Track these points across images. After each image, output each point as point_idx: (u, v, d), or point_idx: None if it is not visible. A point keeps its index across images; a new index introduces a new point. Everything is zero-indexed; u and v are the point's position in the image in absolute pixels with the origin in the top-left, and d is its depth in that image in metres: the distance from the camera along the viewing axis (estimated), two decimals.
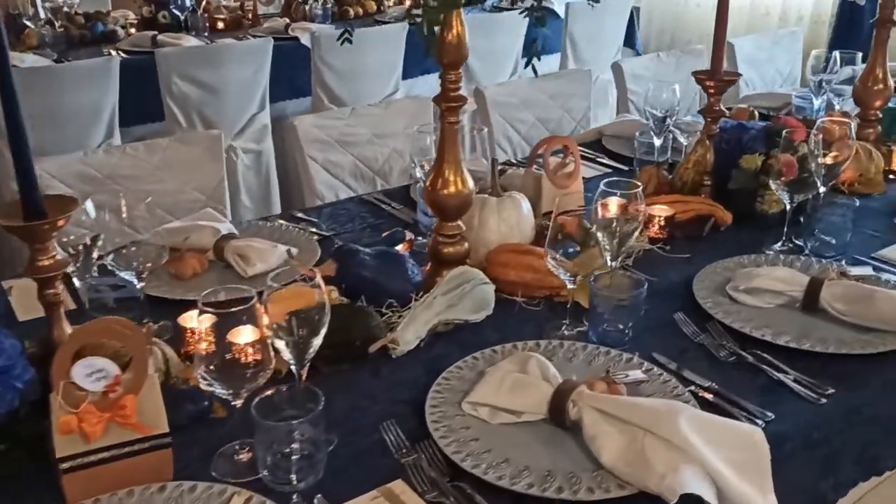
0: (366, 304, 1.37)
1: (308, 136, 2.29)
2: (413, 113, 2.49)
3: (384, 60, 3.73)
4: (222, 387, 1.04)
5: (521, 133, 2.72)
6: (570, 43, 4.46)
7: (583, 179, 2.11)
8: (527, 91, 2.72)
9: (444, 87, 1.42)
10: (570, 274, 1.36)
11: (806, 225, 1.68)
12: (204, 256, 1.63)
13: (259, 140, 3.51)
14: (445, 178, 1.46)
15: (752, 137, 1.83)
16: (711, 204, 1.81)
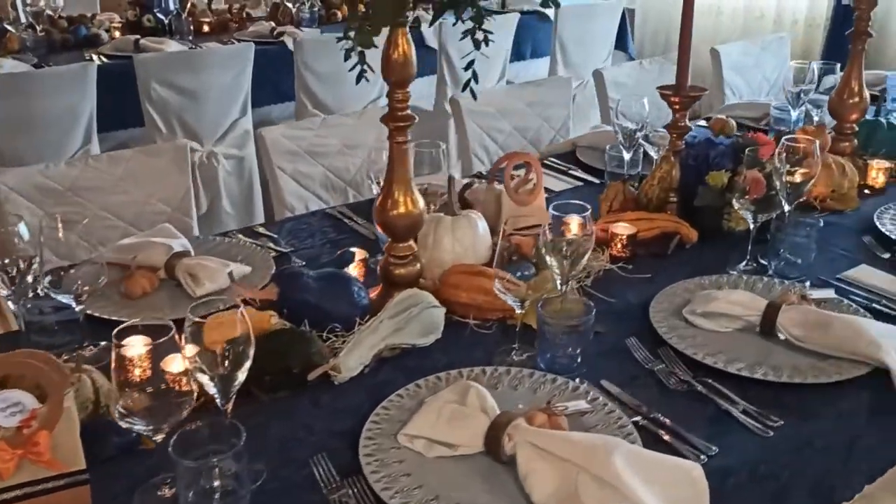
0: (309, 329, 1.34)
1: (277, 146, 2.26)
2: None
3: None
4: (142, 421, 1.01)
5: (497, 142, 2.68)
6: (560, 46, 4.42)
7: (552, 193, 2.09)
8: (504, 100, 2.68)
9: (392, 105, 1.39)
10: (517, 298, 1.33)
11: (770, 245, 1.65)
12: (155, 275, 1.60)
13: (241, 146, 3.49)
14: (395, 198, 1.43)
15: (720, 154, 1.80)
16: (677, 221, 1.78)
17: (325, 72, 3.58)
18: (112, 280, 1.59)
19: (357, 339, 1.33)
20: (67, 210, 2.01)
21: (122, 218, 2.08)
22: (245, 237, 1.82)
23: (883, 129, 2.17)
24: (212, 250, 1.74)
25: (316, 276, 1.38)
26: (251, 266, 1.66)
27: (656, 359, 1.37)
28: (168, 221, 2.11)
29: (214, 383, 1.05)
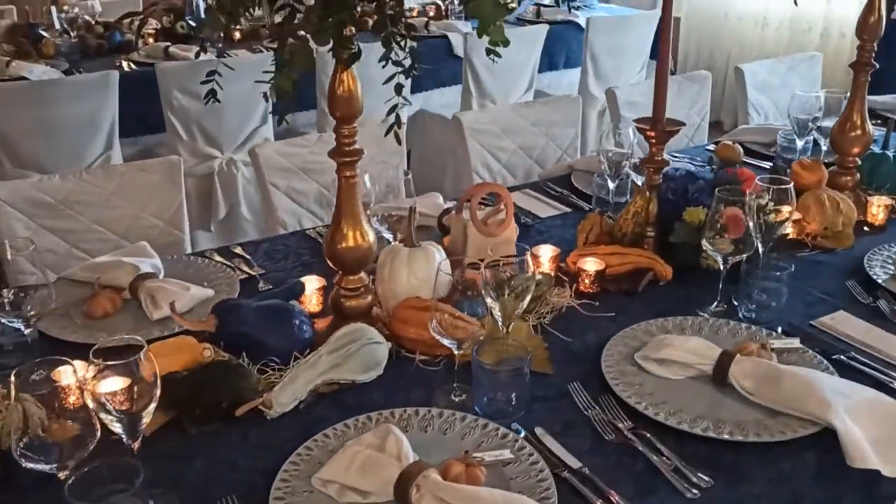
0: (248, 361, 1.35)
1: (270, 163, 2.28)
2: (381, 139, 2.45)
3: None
4: (43, 459, 1.03)
5: (501, 161, 2.66)
6: (591, 57, 4.36)
7: (539, 219, 2.06)
8: (508, 118, 2.65)
9: (339, 141, 1.38)
10: (457, 338, 1.32)
11: (741, 287, 1.59)
12: (119, 296, 1.63)
13: None
14: (343, 232, 1.43)
15: (699, 189, 1.75)
16: (651, 257, 1.73)
17: None
18: (78, 299, 1.64)
19: (293, 374, 1.33)
20: (59, 223, 2.07)
21: (115, 231, 2.12)
22: (220, 257, 1.84)
23: (889, 162, 2.08)
24: (182, 271, 1.76)
25: (257, 308, 1.38)
26: (216, 289, 1.68)
27: (597, 406, 1.34)
28: (160, 235, 2.17)
29: (120, 423, 1.06)
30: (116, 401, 1.04)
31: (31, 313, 1.36)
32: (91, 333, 1.51)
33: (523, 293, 1.33)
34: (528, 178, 2.69)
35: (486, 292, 1.32)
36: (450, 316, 1.34)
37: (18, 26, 3.80)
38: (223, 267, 1.78)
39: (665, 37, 1.68)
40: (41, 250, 2.05)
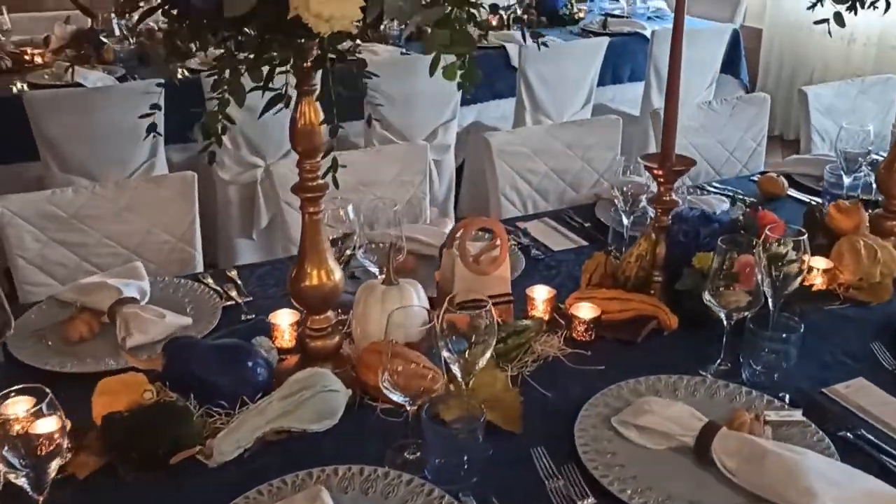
0: (197, 404, 1.29)
1: (285, 182, 2.24)
2: (405, 160, 2.39)
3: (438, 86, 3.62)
4: None
5: (532, 184, 2.54)
6: (655, 71, 4.17)
7: (549, 252, 1.95)
8: (540, 139, 2.54)
9: (302, 176, 1.32)
10: (406, 395, 1.23)
11: (745, 346, 1.44)
12: (98, 320, 1.61)
13: None
14: (305, 270, 1.36)
15: (712, 233, 1.61)
16: (655, 304, 1.60)
17: (393, 93, 3.54)
18: (59, 321, 1.62)
19: (241, 420, 1.27)
20: (70, 237, 2.08)
21: (126, 246, 2.11)
22: (213, 280, 1.81)
23: None
24: (168, 296, 1.73)
25: (209, 347, 1.33)
26: (196, 316, 1.64)
27: (559, 476, 1.23)
28: (171, 252, 2.15)
29: (24, 475, 1.01)
30: (16, 451, 0.99)
31: None
32: (62, 360, 1.49)
33: (484, 348, 1.24)
34: (562, 202, 2.57)
35: (444, 342, 1.23)
36: (406, 365, 1.26)
37: (83, 32, 3.89)
38: (210, 293, 1.74)
39: (675, 65, 1.55)
40: (51, 263, 2.08)
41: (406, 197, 2.40)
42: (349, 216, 1.63)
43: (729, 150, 2.84)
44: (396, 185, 2.37)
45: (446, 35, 1.10)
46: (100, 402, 1.29)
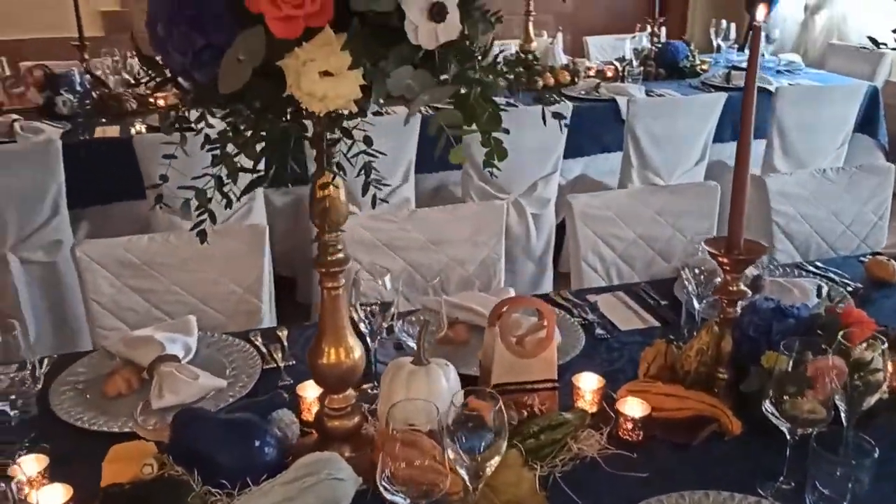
0: (200, 481, 1.25)
1: (354, 236, 2.20)
2: (481, 219, 2.31)
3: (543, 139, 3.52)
4: None
5: (616, 251, 2.40)
6: (778, 131, 3.92)
7: (615, 332, 1.81)
8: (627, 204, 2.39)
9: (322, 250, 1.26)
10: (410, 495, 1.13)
11: (810, 467, 1.26)
12: (138, 376, 1.60)
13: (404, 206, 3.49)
14: (322, 346, 1.30)
15: (786, 329, 1.43)
16: (716, 405, 1.44)
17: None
18: (103, 374, 1.63)
19: (241, 502, 1.21)
20: (142, 283, 2.12)
21: (193, 295, 2.14)
22: (262, 339, 1.78)
23: None
24: (212, 354, 1.72)
25: (219, 421, 1.28)
26: (234, 379, 1.61)
27: None
28: (238, 303, 2.16)
29: None
30: None
31: (11, 398, 1.35)
32: (94, 415, 1.49)
33: (494, 452, 1.13)
34: (649, 271, 2.42)
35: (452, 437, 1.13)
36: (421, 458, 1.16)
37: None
38: (254, 353, 1.71)
39: (746, 118, 1.40)
40: (123, 308, 2.13)
41: (479, 258, 2.31)
42: (386, 286, 1.56)
43: (845, 223, 2.59)
44: (470, 245, 2.30)
45: (453, 115, 1.02)
46: (109, 469, 1.27)
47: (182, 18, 0.97)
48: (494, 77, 1.09)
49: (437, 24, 0.99)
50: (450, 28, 1.01)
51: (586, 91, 4.12)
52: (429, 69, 1.02)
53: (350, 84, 0.94)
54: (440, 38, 1.00)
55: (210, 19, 0.96)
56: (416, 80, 1.01)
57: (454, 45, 1.02)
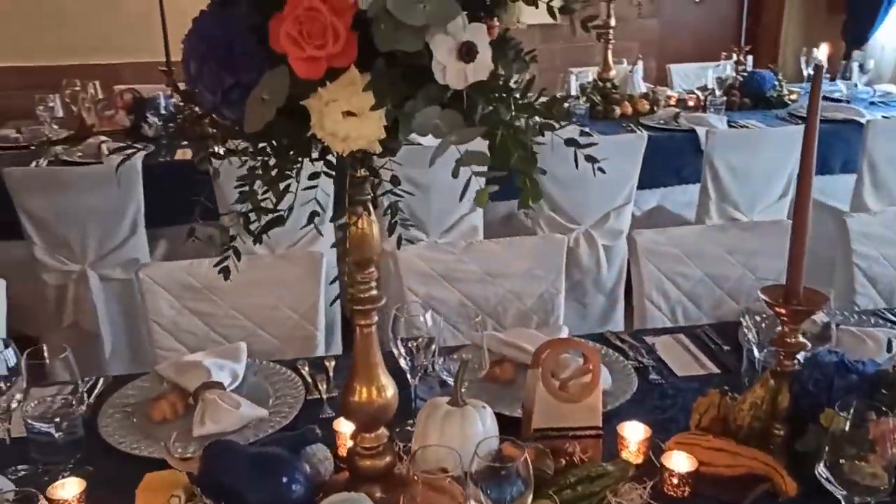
0: None
1: (410, 266, 2.20)
2: (540, 253, 2.26)
3: (615, 168, 3.45)
4: None
5: (682, 290, 2.31)
6: (868, 165, 3.72)
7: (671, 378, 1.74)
8: (695, 241, 2.31)
9: (353, 287, 1.24)
10: None
11: None
12: (184, 401, 1.62)
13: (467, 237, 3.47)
14: (354, 384, 1.28)
15: (848, 385, 1.34)
16: (770, 463, 1.35)
17: (563, 173, 3.42)
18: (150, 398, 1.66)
19: None
20: (202, 306, 2.16)
21: (251, 319, 2.16)
22: (310, 368, 1.78)
23: None
24: (258, 383, 1.73)
25: (248, 455, 1.27)
26: (276, 408, 1.61)
27: None
28: (294, 329, 2.17)
29: None
30: None
31: (56, 420, 1.38)
32: (139, 439, 1.52)
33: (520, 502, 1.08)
34: (717, 312, 2.32)
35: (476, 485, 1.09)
36: None
37: None
38: (298, 383, 1.71)
39: (805, 173, 1.31)
40: (182, 331, 2.17)
41: (538, 292, 2.27)
42: (427, 323, 1.53)
43: None
44: (528, 278, 2.25)
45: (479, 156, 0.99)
46: (142, 497, 1.29)
47: (212, 56, 0.97)
48: (529, 118, 1.05)
49: (466, 64, 0.97)
50: (480, 68, 0.98)
51: (665, 120, 4.02)
52: (458, 109, 1.00)
53: (373, 125, 0.93)
54: (470, 79, 0.98)
55: (239, 58, 0.97)
56: (445, 120, 0.99)
57: (485, 84, 0.99)
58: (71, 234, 3.06)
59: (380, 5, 0.91)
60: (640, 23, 6.35)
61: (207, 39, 0.98)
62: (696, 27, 6.80)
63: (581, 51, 6.28)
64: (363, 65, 0.95)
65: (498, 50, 1.02)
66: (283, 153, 0.99)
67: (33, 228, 3.03)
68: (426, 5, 0.91)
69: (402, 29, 0.91)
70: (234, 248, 1.10)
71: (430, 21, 0.92)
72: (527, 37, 5.15)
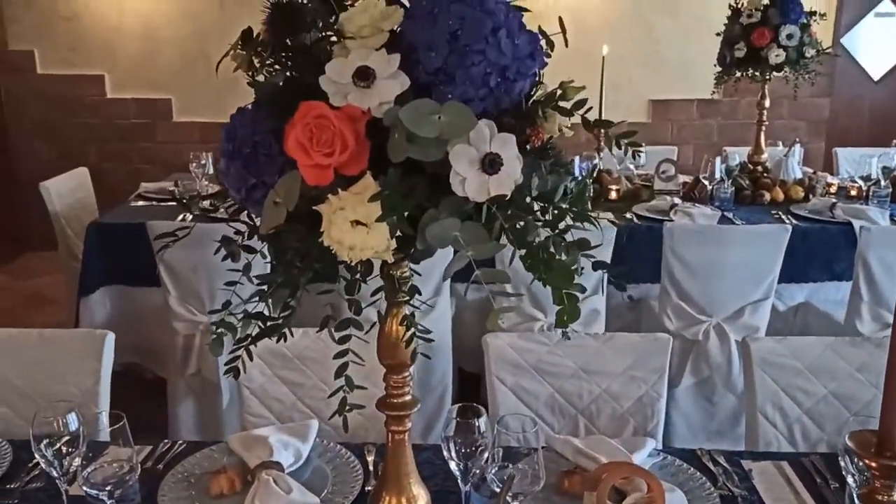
0: None
1: (500, 355, 2.12)
2: (641, 353, 2.11)
3: (753, 259, 3.22)
4: None
5: (802, 406, 2.08)
6: None
7: None
8: (820, 354, 2.08)
9: (387, 391, 1.19)
10: None
11: None
12: (243, 477, 1.62)
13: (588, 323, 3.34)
14: (381, 493, 1.22)
15: None
16: None
17: (695, 260, 3.24)
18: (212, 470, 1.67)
19: None
20: (291, 375, 2.18)
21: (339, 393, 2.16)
22: (376, 456, 1.74)
23: None
24: (320, 467, 1.70)
25: None
26: (329, 496, 1.57)
27: None
28: None
29: None
30: None
31: (108, 488, 1.41)
32: None
33: None
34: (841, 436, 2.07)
35: None
36: None
37: None
38: (359, 471, 1.67)
39: None
40: (271, 397, 2.20)
41: (636, 394, 2.11)
42: (480, 429, 1.45)
43: None
44: (626, 379, 2.11)
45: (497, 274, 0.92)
46: None
47: (239, 156, 0.97)
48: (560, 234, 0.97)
49: (489, 176, 0.91)
50: (505, 181, 0.92)
51: (820, 210, 3.73)
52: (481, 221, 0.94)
53: (377, 237, 0.89)
54: (493, 192, 0.92)
55: (262, 159, 0.96)
56: (466, 232, 0.93)
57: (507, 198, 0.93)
58: (202, 286, 3.22)
59: (393, 114, 0.87)
60: (808, 101, 6.01)
61: (235, 139, 0.98)
62: (873, 108, 6.35)
63: (741, 128, 6.02)
64: (383, 172, 0.91)
65: (532, 161, 0.96)
66: (286, 260, 0.96)
67: (168, 278, 3.21)
68: (441, 115, 0.87)
69: (416, 140, 0.87)
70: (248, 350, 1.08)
71: (444, 134, 0.87)
72: (683, 110, 5.12)
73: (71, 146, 5.91)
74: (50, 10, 5.73)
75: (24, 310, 4.96)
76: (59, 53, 5.81)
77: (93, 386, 2.07)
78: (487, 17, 0.91)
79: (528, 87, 0.96)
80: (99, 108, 5.89)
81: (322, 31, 0.96)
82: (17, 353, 2.10)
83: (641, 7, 5.90)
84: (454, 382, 3.51)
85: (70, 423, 1.42)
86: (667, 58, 5.95)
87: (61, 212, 4.04)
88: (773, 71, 3.91)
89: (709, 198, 3.91)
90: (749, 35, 3.88)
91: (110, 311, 3.62)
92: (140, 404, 3.47)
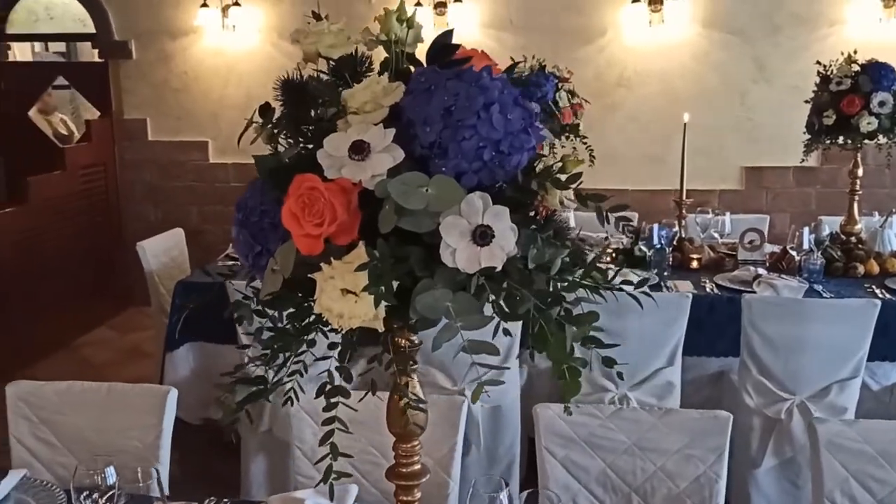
0: None
1: (550, 425, 2.07)
2: (698, 431, 2.03)
3: (840, 335, 3.06)
4: None
5: (875, 495, 1.94)
6: None
7: None
8: (893, 440, 1.94)
9: (396, 461, 1.19)
10: None
11: None
12: None
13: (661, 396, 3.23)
14: None
15: None
16: None
17: (777, 335, 3.10)
18: None
19: None
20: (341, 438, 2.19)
21: (385, 457, 2.16)
22: None
23: None
24: None
25: None
26: None
27: None
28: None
29: None
30: None
31: None
32: None
33: None
34: None
35: None
36: None
37: None
38: None
39: None
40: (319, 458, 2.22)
41: (693, 474, 2.02)
42: (502, 502, 1.42)
43: None
44: (681, 458, 2.02)
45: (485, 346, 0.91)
46: None
47: (247, 225, 1.02)
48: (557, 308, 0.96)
49: (480, 248, 0.92)
50: (496, 253, 0.92)
51: None
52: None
53: (364, 306, 0.90)
54: (483, 263, 0.92)
55: (267, 228, 1.00)
56: (458, 303, 0.93)
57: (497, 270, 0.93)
58: None
59: (383, 186, 0.90)
60: None
61: (245, 207, 1.02)
62: None
63: (840, 197, 5.77)
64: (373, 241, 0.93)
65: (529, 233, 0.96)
66: (282, 325, 0.99)
67: (245, 337, 3.31)
68: (429, 188, 0.89)
69: (406, 211, 0.89)
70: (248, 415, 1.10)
71: (431, 206, 0.89)
72: (778, 178, 4.93)
73: (175, 208, 6.24)
74: (162, 82, 6.14)
75: (121, 363, 5.21)
76: (169, 122, 6.19)
77: (154, 440, 2.15)
78: (480, 92, 0.93)
79: (525, 161, 0.97)
80: (202, 173, 6.22)
81: (328, 108, 1.01)
82: (90, 406, 2.21)
83: (733, 75, 5.81)
84: (523, 453, 3.44)
85: (108, 477, 1.48)
86: (760, 125, 5.81)
87: (156, 270, 4.25)
88: (864, 139, 3.76)
89: (797, 269, 3.76)
90: (838, 102, 3.76)
91: (194, 367, 3.76)
92: (217, 460, 3.58)
